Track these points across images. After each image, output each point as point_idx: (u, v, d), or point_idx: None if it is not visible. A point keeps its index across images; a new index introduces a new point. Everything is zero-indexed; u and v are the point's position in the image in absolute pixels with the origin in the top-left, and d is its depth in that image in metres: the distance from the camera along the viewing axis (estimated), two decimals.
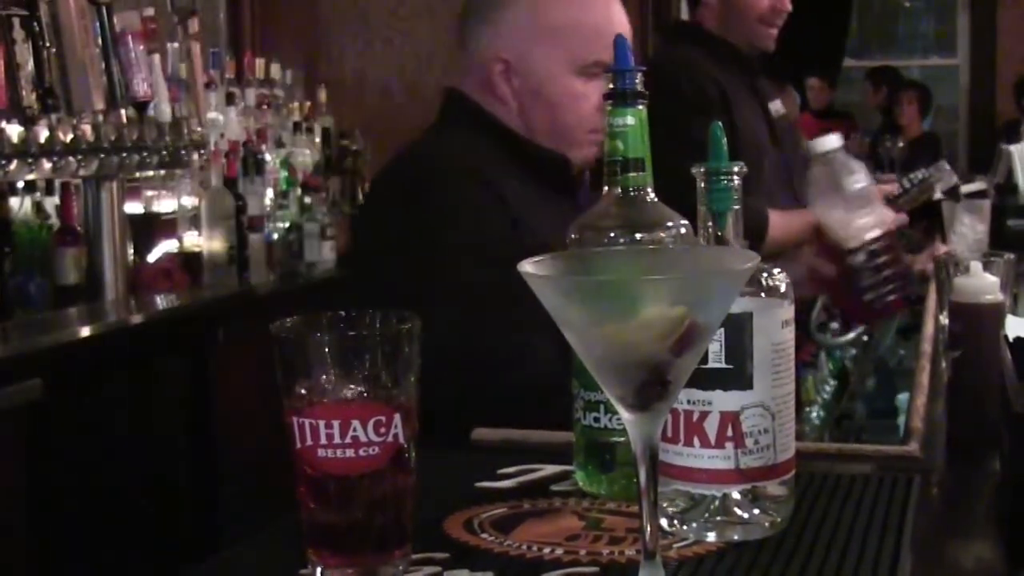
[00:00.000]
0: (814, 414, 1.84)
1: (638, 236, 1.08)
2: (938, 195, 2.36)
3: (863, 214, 1.97)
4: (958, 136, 7.56)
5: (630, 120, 1.07)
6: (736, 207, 1.01)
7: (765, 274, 1.02)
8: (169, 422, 3.10)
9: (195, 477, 3.14)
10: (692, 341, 0.78)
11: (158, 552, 2.85)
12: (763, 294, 1.01)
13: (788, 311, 1.03)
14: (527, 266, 0.80)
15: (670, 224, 1.10)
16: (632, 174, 1.09)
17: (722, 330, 0.99)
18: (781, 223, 2.48)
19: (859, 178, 1.97)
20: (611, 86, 1.08)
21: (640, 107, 1.08)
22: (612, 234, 1.09)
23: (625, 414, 0.82)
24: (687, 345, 0.78)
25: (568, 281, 0.83)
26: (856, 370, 2.17)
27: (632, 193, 1.10)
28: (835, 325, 2.46)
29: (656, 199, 1.11)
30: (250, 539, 1.08)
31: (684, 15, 5.19)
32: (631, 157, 1.09)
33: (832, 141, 1.98)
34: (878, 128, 7.13)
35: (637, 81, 1.07)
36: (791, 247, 2.55)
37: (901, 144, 6.19)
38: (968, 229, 2.72)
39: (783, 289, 1.03)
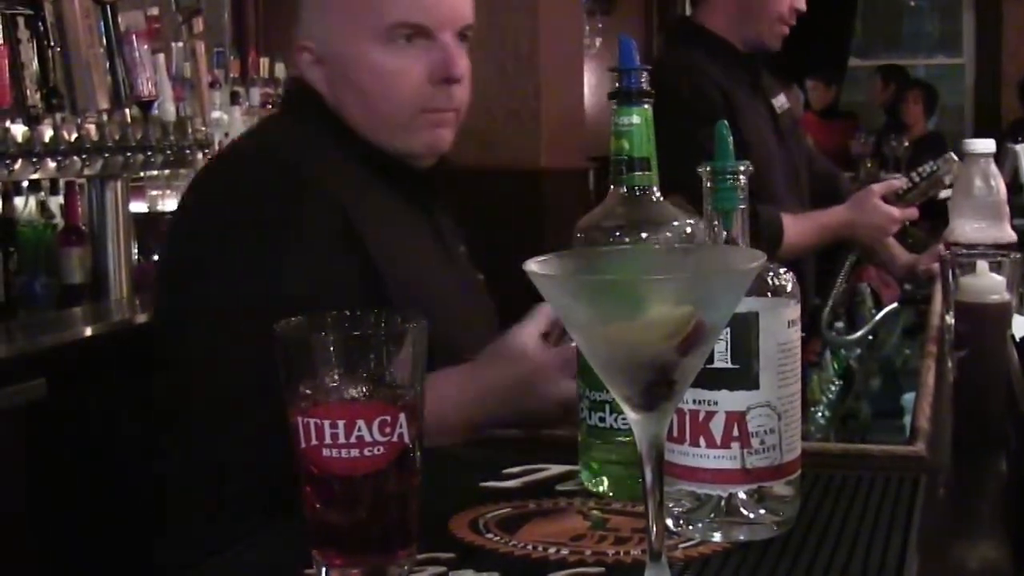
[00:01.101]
0: (819, 414, 1.83)
1: (644, 235, 1.08)
2: (946, 191, 2.34)
3: (983, 225, 1.93)
4: (964, 136, 7.53)
5: (635, 119, 1.07)
6: (742, 206, 1.01)
7: (771, 273, 1.02)
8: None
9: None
10: (698, 341, 0.78)
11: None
12: (769, 293, 1.01)
13: (794, 310, 1.03)
14: (532, 265, 0.80)
15: (676, 223, 1.10)
16: (638, 173, 1.09)
17: (728, 330, 0.98)
18: (794, 228, 2.48)
19: (991, 189, 1.94)
20: (616, 85, 1.07)
21: (646, 106, 1.08)
22: (617, 233, 1.09)
23: (631, 414, 0.81)
24: (693, 345, 0.78)
25: (574, 281, 0.82)
26: (861, 370, 2.17)
27: (637, 192, 1.09)
28: (840, 324, 2.45)
29: (661, 198, 1.11)
30: (250, 539, 1.08)
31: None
32: (636, 156, 1.09)
33: (986, 145, 1.96)
34: (883, 127, 7.12)
35: (643, 80, 1.07)
36: (803, 252, 2.55)
37: (906, 143, 6.17)
38: None
39: (789, 288, 1.03)
